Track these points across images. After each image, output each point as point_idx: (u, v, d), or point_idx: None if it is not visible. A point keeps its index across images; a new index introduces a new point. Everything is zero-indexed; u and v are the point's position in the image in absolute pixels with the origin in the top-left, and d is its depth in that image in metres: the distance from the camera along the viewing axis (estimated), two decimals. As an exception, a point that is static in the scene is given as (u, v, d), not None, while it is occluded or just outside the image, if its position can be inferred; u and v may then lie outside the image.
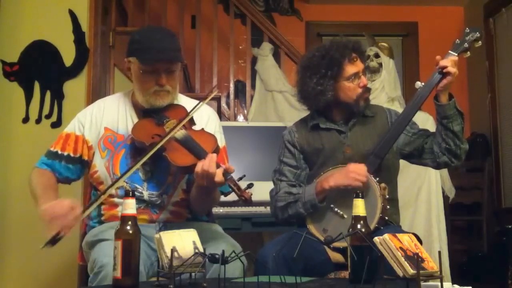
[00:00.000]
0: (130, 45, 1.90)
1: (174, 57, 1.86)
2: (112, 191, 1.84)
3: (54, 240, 1.61)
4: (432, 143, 1.99)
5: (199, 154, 1.72)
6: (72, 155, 1.92)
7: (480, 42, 1.99)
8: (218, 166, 1.68)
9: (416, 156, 2.07)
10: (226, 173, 1.66)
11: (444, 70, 1.89)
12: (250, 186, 1.67)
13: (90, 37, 3.06)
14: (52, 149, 1.95)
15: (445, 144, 1.95)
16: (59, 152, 1.93)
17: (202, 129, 1.91)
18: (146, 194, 1.87)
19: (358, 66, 2.03)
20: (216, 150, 1.78)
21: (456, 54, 1.94)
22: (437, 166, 2.07)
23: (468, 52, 1.99)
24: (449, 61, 1.90)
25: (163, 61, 1.83)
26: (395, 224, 2.02)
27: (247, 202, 1.67)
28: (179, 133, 1.82)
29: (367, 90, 2.06)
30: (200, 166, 1.67)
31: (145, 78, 1.85)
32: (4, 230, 2.86)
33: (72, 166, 1.93)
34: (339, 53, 2.01)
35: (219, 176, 1.65)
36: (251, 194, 1.67)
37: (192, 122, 1.91)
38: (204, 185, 1.70)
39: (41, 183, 1.87)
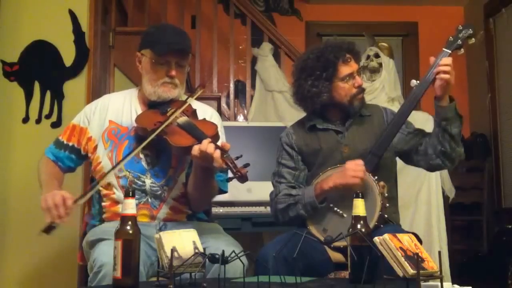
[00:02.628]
0: (144, 38, 1.99)
1: (186, 49, 1.94)
2: (111, 178, 1.88)
3: (47, 229, 1.68)
4: (427, 145, 1.98)
5: (199, 137, 1.75)
6: (76, 146, 2.00)
7: (474, 39, 1.98)
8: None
9: (409, 156, 2.06)
10: (222, 150, 1.68)
11: (438, 76, 1.87)
12: (246, 165, 1.68)
13: (90, 37, 3.06)
14: (60, 138, 2.04)
15: (441, 147, 1.94)
16: (65, 142, 2.01)
17: (204, 118, 1.97)
18: (148, 183, 1.89)
19: (352, 67, 2.04)
20: (216, 136, 1.81)
21: (450, 51, 1.95)
22: (430, 168, 2.06)
23: (462, 50, 1.98)
24: (445, 67, 1.87)
25: (176, 52, 1.91)
26: (394, 223, 2.02)
27: (243, 178, 1.67)
28: (181, 119, 1.88)
29: (361, 90, 2.07)
30: (197, 146, 1.70)
31: (156, 68, 1.93)
32: (4, 229, 2.86)
33: (75, 157, 2.01)
34: (333, 55, 2.02)
35: (215, 154, 1.66)
36: (247, 171, 1.67)
37: (195, 115, 1.95)
38: (201, 163, 1.71)
39: (46, 172, 1.97)
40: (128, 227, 1.38)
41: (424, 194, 3.14)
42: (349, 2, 5.08)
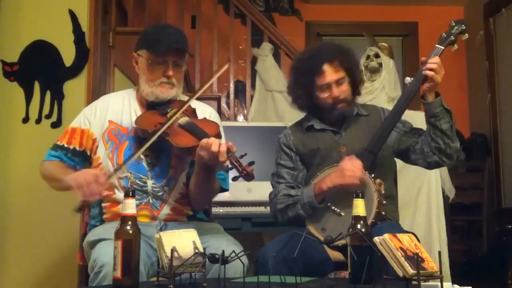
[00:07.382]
0: (141, 38, 1.98)
1: (184, 48, 1.92)
2: (113, 179, 1.85)
3: (81, 208, 1.70)
4: (423, 143, 1.99)
5: (202, 136, 1.74)
6: (78, 148, 1.96)
7: (466, 34, 2.00)
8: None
9: (407, 156, 2.07)
10: (228, 150, 1.67)
11: (426, 74, 1.90)
12: (251, 163, 1.67)
13: (90, 37, 3.06)
14: (58, 142, 1.99)
15: (435, 143, 1.94)
16: (65, 145, 1.97)
17: (205, 118, 1.97)
18: (149, 184, 1.89)
19: (325, 79, 2.02)
20: (218, 135, 1.81)
21: (443, 48, 1.96)
22: (429, 166, 2.05)
23: (456, 45, 2.00)
24: (432, 65, 1.89)
25: (173, 51, 1.89)
26: (392, 220, 2.02)
27: (249, 176, 1.67)
28: (182, 119, 1.87)
29: (339, 101, 2.04)
30: (205, 141, 1.68)
31: (153, 68, 1.91)
32: (4, 230, 2.86)
33: (78, 159, 1.97)
34: (310, 65, 2.05)
35: (221, 148, 1.66)
36: (253, 170, 1.66)
37: (194, 115, 1.94)
38: (205, 161, 1.70)
39: (54, 167, 1.92)
40: (128, 227, 1.38)
41: (424, 194, 3.14)
42: (349, 2, 5.08)
